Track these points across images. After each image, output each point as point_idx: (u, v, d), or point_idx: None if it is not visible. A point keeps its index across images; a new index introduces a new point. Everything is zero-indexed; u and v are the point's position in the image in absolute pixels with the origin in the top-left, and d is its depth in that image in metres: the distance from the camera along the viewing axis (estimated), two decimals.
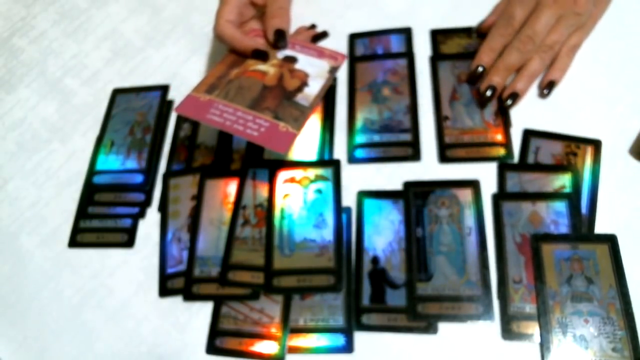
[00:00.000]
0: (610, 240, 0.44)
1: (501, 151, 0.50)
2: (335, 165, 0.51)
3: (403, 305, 0.45)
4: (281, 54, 0.51)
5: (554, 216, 0.46)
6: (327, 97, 0.55)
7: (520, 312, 0.44)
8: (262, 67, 0.50)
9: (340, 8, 0.61)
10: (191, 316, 0.49)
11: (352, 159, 0.52)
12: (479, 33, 0.55)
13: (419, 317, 0.44)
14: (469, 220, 0.47)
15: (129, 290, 0.51)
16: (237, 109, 0.46)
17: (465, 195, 0.48)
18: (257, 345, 0.46)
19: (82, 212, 0.56)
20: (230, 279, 0.48)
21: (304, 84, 0.49)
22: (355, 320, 0.45)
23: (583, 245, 0.45)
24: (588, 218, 0.46)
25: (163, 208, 0.54)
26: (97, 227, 0.54)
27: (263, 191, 0.51)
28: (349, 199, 0.50)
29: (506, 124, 0.51)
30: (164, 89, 0.60)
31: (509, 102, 0.50)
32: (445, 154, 0.51)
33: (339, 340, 0.45)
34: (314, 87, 0.49)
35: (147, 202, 0.55)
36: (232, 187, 0.52)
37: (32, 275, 0.53)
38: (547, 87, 0.51)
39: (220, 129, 0.45)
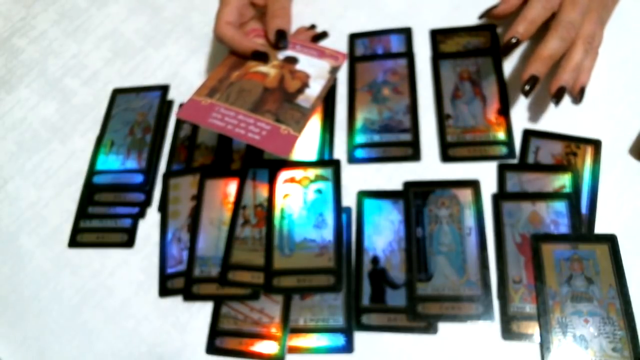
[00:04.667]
0: (610, 240, 0.44)
1: (503, 150, 0.50)
2: (335, 165, 0.51)
3: (403, 305, 0.45)
4: (282, 55, 0.51)
5: (554, 216, 0.46)
6: (327, 97, 0.55)
7: (520, 312, 0.44)
8: (262, 68, 0.50)
9: (340, 8, 0.61)
10: (191, 316, 0.49)
11: (352, 159, 0.52)
12: (493, 17, 0.51)
13: (419, 317, 0.44)
14: (469, 220, 0.47)
15: (129, 290, 0.51)
16: (239, 113, 0.46)
17: (465, 195, 0.48)
18: (257, 345, 0.46)
19: (82, 212, 0.56)
20: (230, 279, 0.48)
21: (304, 85, 0.49)
22: (355, 320, 0.45)
23: (583, 245, 0.45)
24: (588, 218, 0.46)
25: (163, 208, 0.54)
26: (97, 227, 0.54)
27: (263, 191, 0.51)
28: (349, 199, 0.50)
29: (508, 122, 0.51)
30: (164, 89, 0.60)
31: (558, 99, 0.46)
32: (448, 153, 0.51)
33: (339, 340, 0.45)
34: (314, 88, 0.49)
35: (147, 202, 0.55)
36: (232, 187, 0.52)
37: (32, 275, 0.53)
38: (579, 94, 0.48)
39: (222, 133, 0.45)
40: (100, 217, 0.55)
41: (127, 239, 0.53)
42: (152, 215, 0.54)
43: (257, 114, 0.46)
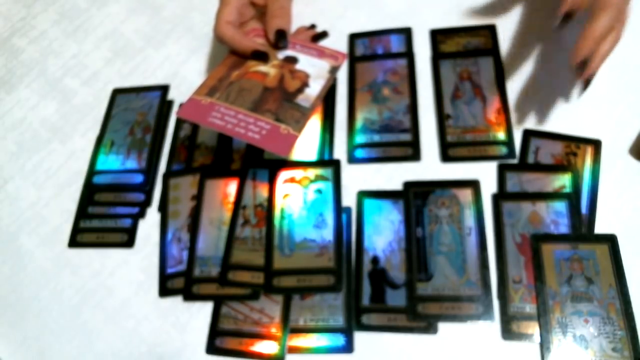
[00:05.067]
0: (610, 240, 0.44)
1: (503, 150, 0.50)
2: (335, 165, 0.51)
3: (403, 305, 0.45)
4: (282, 54, 0.51)
5: (554, 216, 0.46)
6: (327, 97, 0.55)
7: (520, 312, 0.44)
8: (262, 68, 0.50)
9: (340, 8, 0.61)
10: (191, 316, 0.49)
11: (352, 159, 0.52)
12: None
13: (419, 317, 0.44)
14: (469, 220, 0.47)
15: (129, 290, 0.51)
16: (239, 112, 0.46)
17: (465, 195, 0.48)
18: (257, 345, 0.46)
19: (82, 212, 0.55)
20: (230, 279, 0.48)
21: (304, 84, 0.49)
22: (355, 320, 0.45)
23: (583, 245, 0.45)
24: (588, 218, 0.46)
25: (163, 208, 0.54)
26: (97, 227, 0.54)
27: (263, 191, 0.51)
28: (349, 199, 0.50)
29: (508, 122, 0.51)
30: (164, 89, 0.60)
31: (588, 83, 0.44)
32: (448, 153, 0.51)
33: (339, 340, 0.45)
34: (314, 88, 0.49)
35: (147, 202, 0.55)
36: (232, 187, 0.52)
37: (32, 275, 0.53)
38: (588, 80, 0.45)
39: (222, 132, 0.45)
40: (100, 217, 0.55)
41: (127, 239, 0.53)
42: (152, 215, 0.54)
43: (257, 114, 0.46)
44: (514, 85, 0.53)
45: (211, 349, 0.47)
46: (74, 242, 0.54)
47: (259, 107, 0.47)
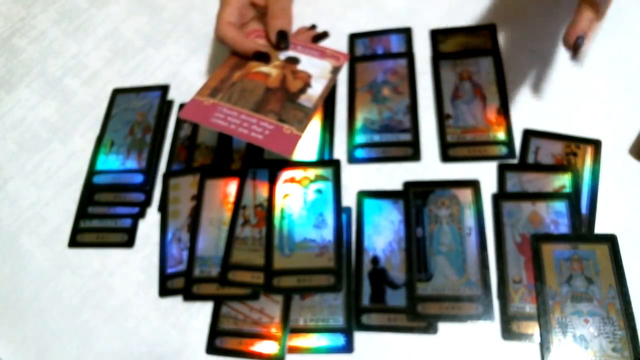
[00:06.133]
0: (610, 240, 0.44)
1: (503, 150, 0.50)
2: (335, 165, 0.51)
3: (403, 305, 0.45)
4: (283, 55, 0.51)
5: (554, 216, 0.46)
6: (327, 97, 0.55)
7: (520, 312, 0.44)
8: (264, 68, 0.50)
9: (340, 8, 0.61)
10: (191, 316, 0.49)
11: (352, 159, 0.52)
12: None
13: (419, 317, 0.44)
14: (469, 220, 0.47)
15: (129, 290, 0.51)
16: (241, 112, 0.46)
17: (465, 195, 0.48)
18: (257, 345, 0.46)
19: (82, 212, 0.55)
20: (230, 279, 0.48)
21: (306, 85, 0.49)
22: (355, 320, 0.45)
23: (583, 245, 0.45)
24: (588, 218, 0.46)
25: (163, 208, 0.54)
26: (97, 227, 0.54)
27: (263, 191, 0.51)
28: (349, 199, 0.50)
29: (508, 122, 0.51)
30: (164, 89, 0.60)
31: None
32: (448, 153, 0.51)
33: (339, 340, 0.45)
34: (316, 88, 0.49)
35: (147, 202, 0.55)
36: (232, 187, 0.52)
37: (32, 275, 0.53)
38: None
39: (225, 133, 0.45)
40: (100, 217, 0.55)
41: (127, 239, 0.53)
42: (152, 215, 0.54)
43: (260, 114, 0.46)
44: (514, 85, 0.53)
45: (211, 349, 0.47)
46: (74, 242, 0.54)
47: (262, 108, 0.47)
